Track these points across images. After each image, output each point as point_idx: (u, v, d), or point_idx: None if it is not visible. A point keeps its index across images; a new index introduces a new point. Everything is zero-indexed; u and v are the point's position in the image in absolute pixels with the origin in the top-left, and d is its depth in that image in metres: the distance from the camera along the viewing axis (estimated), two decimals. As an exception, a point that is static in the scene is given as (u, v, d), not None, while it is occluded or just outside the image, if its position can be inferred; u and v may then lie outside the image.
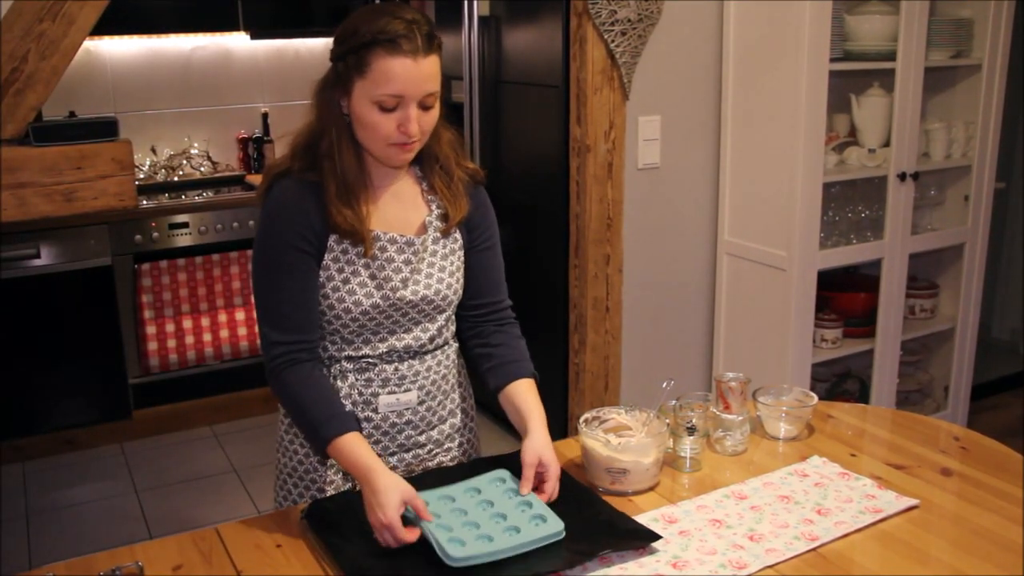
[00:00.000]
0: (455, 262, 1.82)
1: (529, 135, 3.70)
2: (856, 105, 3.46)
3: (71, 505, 3.75)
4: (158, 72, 4.61)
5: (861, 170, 3.43)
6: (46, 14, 1.99)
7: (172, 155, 4.65)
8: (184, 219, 4.19)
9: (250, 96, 4.83)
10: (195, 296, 4.21)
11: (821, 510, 1.68)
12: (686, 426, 1.84)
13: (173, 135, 4.70)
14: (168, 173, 4.58)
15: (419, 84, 1.62)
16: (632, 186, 3.40)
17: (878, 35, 3.32)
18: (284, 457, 1.88)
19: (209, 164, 4.69)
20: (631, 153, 3.37)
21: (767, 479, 1.80)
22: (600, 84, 3.25)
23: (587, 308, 3.43)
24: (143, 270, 4.10)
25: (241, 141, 4.81)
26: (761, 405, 1.99)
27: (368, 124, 1.65)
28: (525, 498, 1.63)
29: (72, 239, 3.96)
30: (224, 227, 4.26)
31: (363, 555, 1.51)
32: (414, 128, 1.64)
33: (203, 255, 4.21)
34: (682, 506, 1.70)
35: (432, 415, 1.86)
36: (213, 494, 3.81)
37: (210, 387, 4.40)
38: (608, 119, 3.29)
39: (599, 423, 1.82)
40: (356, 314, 1.73)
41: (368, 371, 1.79)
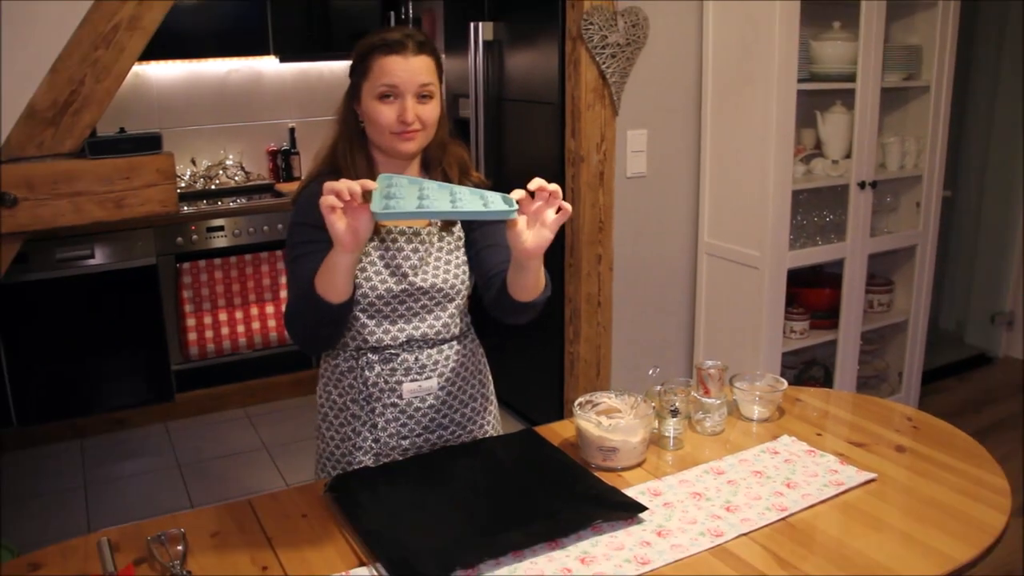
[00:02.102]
0: (460, 257, 1.82)
1: (529, 147, 3.70)
2: (821, 121, 3.45)
3: (122, 477, 3.75)
4: (197, 92, 4.61)
5: (826, 179, 3.43)
6: (101, 42, 2.00)
7: (210, 166, 4.64)
8: (220, 223, 4.19)
9: (279, 113, 4.83)
10: (230, 292, 4.21)
11: (790, 483, 1.68)
12: (670, 409, 1.84)
13: (211, 148, 4.70)
14: (206, 182, 4.58)
15: (411, 76, 1.67)
16: (621, 193, 3.40)
17: (840, 59, 3.32)
18: (322, 443, 1.89)
19: (242, 174, 4.69)
20: (620, 163, 3.37)
21: (742, 456, 1.80)
22: (592, 101, 3.24)
23: (581, 303, 3.43)
24: (184, 269, 4.10)
25: (271, 153, 4.80)
26: (737, 390, 1.99)
27: (372, 116, 1.69)
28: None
29: (122, 241, 3.96)
30: (256, 230, 4.26)
31: (379, 523, 1.51)
32: (410, 115, 1.67)
33: (237, 255, 4.21)
34: (666, 480, 1.70)
35: (453, 399, 1.85)
36: (246, 469, 3.82)
37: (243, 373, 4.41)
38: (600, 133, 3.28)
39: (592, 406, 1.82)
40: (372, 298, 1.73)
41: (392, 361, 1.79)
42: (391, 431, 1.82)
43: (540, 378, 3.81)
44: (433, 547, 1.43)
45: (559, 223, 1.53)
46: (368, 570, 1.43)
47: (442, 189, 1.54)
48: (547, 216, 1.53)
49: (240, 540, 1.53)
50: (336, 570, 1.44)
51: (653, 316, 3.61)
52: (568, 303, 3.50)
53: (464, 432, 1.89)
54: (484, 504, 1.58)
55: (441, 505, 1.58)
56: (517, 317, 1.76)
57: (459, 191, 1.53)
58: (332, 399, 1.85)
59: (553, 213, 1.53)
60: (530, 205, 1.52)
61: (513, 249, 1.57)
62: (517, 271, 1.65)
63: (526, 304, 1.70)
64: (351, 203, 1.42)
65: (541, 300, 1.72)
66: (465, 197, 1.50)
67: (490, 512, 1.55)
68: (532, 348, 3.81)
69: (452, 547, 1.44)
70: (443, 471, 1.69)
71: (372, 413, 1.81)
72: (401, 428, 1.82)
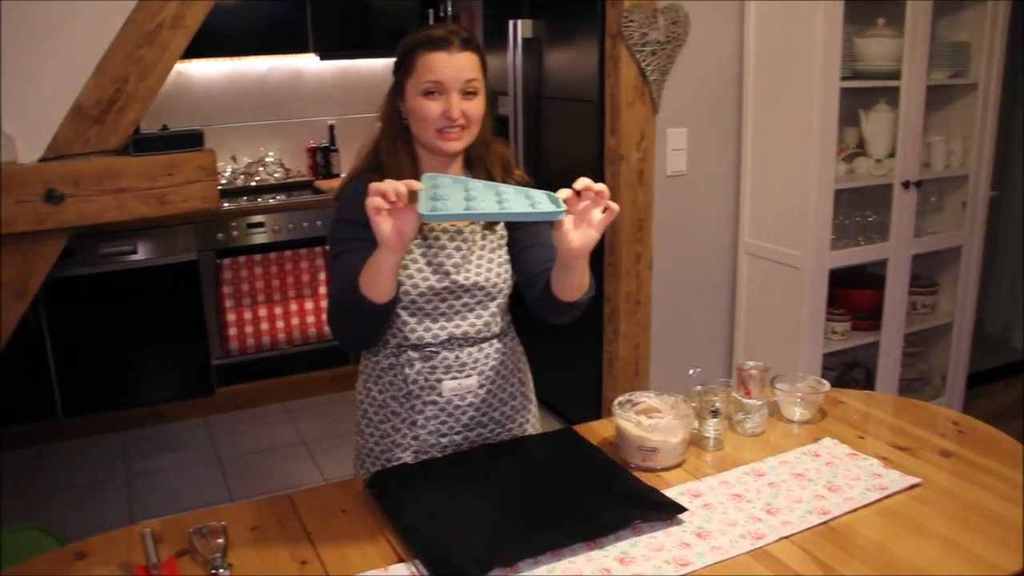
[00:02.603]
0: (503, 255, 1.82)
1: (568, 145, 3.69)
2: (864, 119, 3.41)
3: (163, 470, 3.80)
4: (238, 90, 4.65)
5: (869, 178, 3.39)
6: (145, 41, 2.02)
7: (250, 163, 4.69)
8: (260, 219, 4.23)
9: (318, 110, 4.86)
10: (269, 287, 4.25)
11: (832, 487, 1.67)
12: (710, 409, 1.83)
13: (251, 145, 4.74)
14: (246, 179, 4.62)
15: (456, 72, 1.66)
16: (661, 191, 3.39)
17: (884, 56, 3.27)
18: (361, 439, 1.90)
19: (282, 171, 4.73)
20: (660, 161, 3.35)
21: (783, 458, 1.79)
22: (632, 99, 3.23)
23: (620, 301, 3.42)
24: (224, 264, 4.14)
25: (310, 150, 4.84)
26: (778, 391, 1.97)
27: (418, 113, 1.69)
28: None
29: (164, 237, 4.01)
30: (295, 227, 4.29)
31: (418, 520, 1.52)
32: (456, 112, 1.66)
33: (277, 251, 4.25)
34: (706, 481, 1.69)
35: (492, 398, 1.85)
36: (284, 463, 3.85)
37: (282, 368, 4.45)
38: (639, 131, 3.27)
39: (631, 406, 1.81)
40: (414, 296, 1.74)
41: (432, 359, 1.79)
42: (430, 429, 1.82)
43: (578, 377, 3.80)
44: (472, 545, 1.43)
45: (606, 223, 1.52)
46: (407, 567, 1.44)
47: (487, 188, 1.53)
48: (593, 216, 1.52)
49: (279, 535, 1.55)
50: (375, 566, 1.45)
51: (692, 315, 3.59)
52: (607, 302, 3.49)
53: (503, 430, 1.89)
54: (523, 503, 1.58)
55: (480, 503, 1.57)
56: (561, 317, 1.75)
57: (505, 190, 1.53)
58: (372, 396, 1.86)
59: (600, 213, 1.51)
60: (576, 204, 1.51)
61: (559, 249, 1.57)
62: (562, 271, 1.64)
63: (570, 304, 1.69)
64: (396, 204, 1.42)
65: (585, 300, 1.71)
66: (511, 197, 1.49)
67: (529, 511, 1.55)
68: (570, 347, 3.80)
69: (491, 545, 1.44)
70: (482, 469, 1.69)
71: (412, 411, 1.82)
72: (440, 426, 1.82)
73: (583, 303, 1.71)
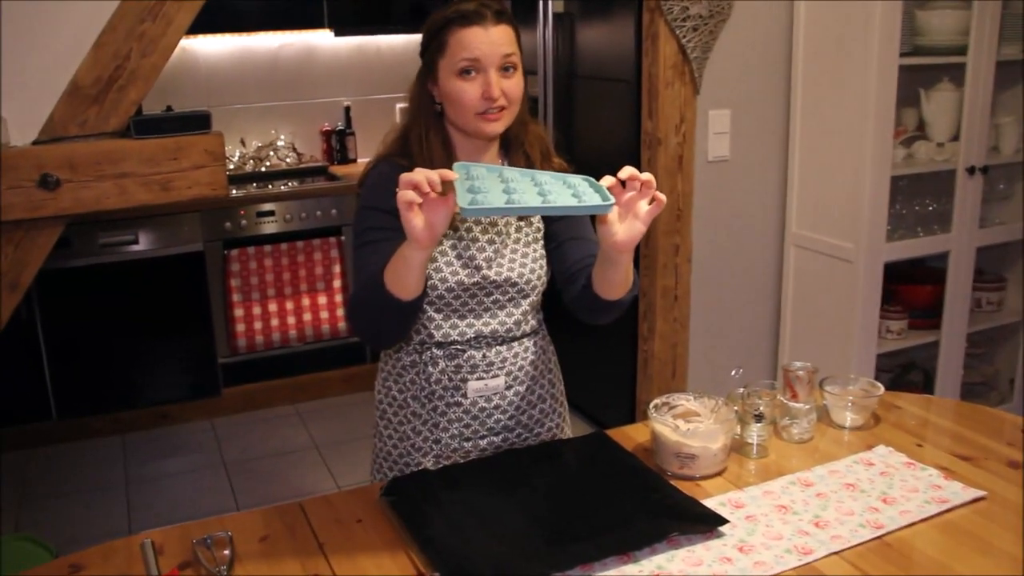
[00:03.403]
0: (538, 249, 1.82)
1: (602, 128, 3.68)
2: (925, 99, 3.38)
3: (165, 476, 3.83)
4: (247, 68, 4.68)
5: (929, 164, 3.36)
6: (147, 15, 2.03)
7: (260, 147, 4.71)
8: (271, 207, 4.25)
9: (333, 90, 4.87)
10: (280, 281, 4.27)
11: (887, 499, 1.65)
12: (753, 413, 1.82)
13: (261, 128, 4.77)
14: (256, 164, 4.65)
15: (493, 48, 1.65)
16: (702, 178, 3.37)
17: (949, 29, 3.24)
18: (379, 442, 1.91)
19: (294, 155, 4.75)
20: (701, 146, 3.34)
21: (833, 467, 1.77)
22: (671, 79, 3.22)
23: (656, 297, 3.41)
24: (232, 256, 4.17)
25: (325, 133, 4.85)
26: (828, 394, 1.96)
27: (455, 96, 1.68)
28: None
29: (167, 226, 4.04)
30: (308, 215, 4.31)
31: (439, 531, 1.52)
32: (496, 91, 1.66)
33: (288, 242, 4.27)
34: (749, 491, 1.69)
35: (521, 400, 1.86)
36: (295, 469, 3.87)
37: (293, 367, 4.47)
38: (679, 113, 3.26)
39: (668, 409, 1.81)
40: (442, 291, 1.74)
41: (457, 357, 1.80)
42: (453, 432, 1.83)
43: (611, 378, 3.80)
44: (496, 558, 1.44)
45: (653, 215, 1.52)
46: (425, 581, 1.44)
47: (525, 177, 1.53)
48: (640, 207, 1.52)
49: (290, 545, 1.55)
50: (391, 580, 1.45)
51: (735, 312, 3.58)
52: (642, 297, 3.48)
53: (531, 435, 1.89)
54: (551, 512, 1.58)
55: (505, 512, 1.58)
56: (601, 316, 1.75)
57: (544, 179, 1.52)
58: (392, 395, 1.87)
59: (646, 204, 1.51)
60: (621, 195, 1.51)
61: (602, 242, 1.56)
62: (605, 266, 1.63)
63: (613, 302, 1.69)
64: (429, 196, 1.40)
65: (628, 298, 1.71)
66: (553, 187, 1.48)
67: (557, 521, 1.55)
68: (603, 346, 3.79)
69: (516, 558, 1.44)
70: (508, 476, 1.69)
71: (434, 412, 1.82)
72: (464, 429, 1.83)
73: (626, 302, 1.71)
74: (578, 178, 1.53)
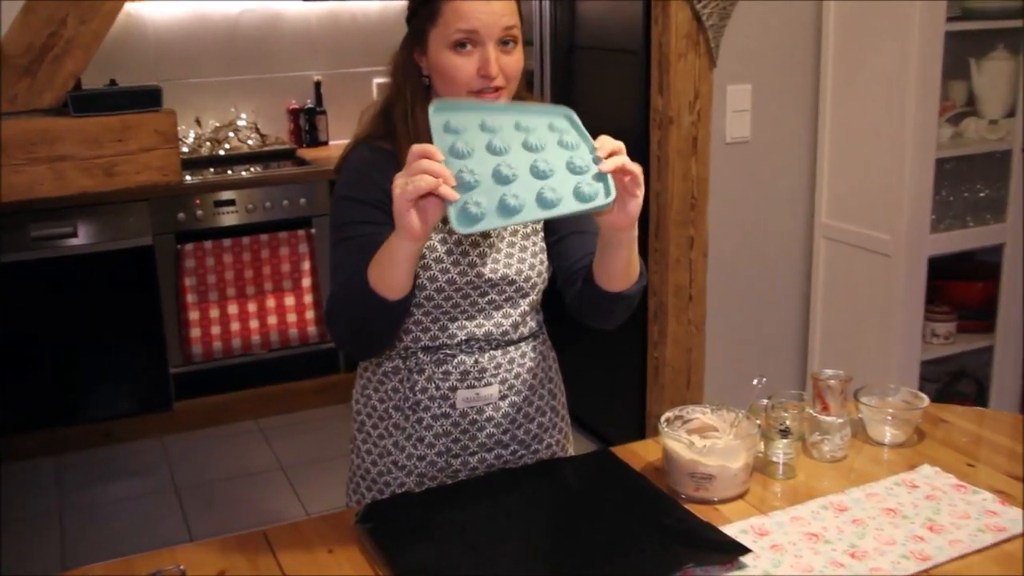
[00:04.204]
0: (538, 243, 1.82)
1: (605, 105, 3.68)
2: (976, 70, 3.38)
3: (106, 503, 3.82)
4: (203, 37, 4.67)
5: (980, 144, 3.37)
6: (86, -27, 2.03)
7: (218, 127, 4.71)
8: (230, 196, 4.25)
9: (302, 63, 4.87)
10: (242, 279, 4.27)
11: (933, 526, 1.65)
12: (779, 428, 1.82)
13: (219, 105, 4.76)
14: (213, 146, 4.65)
15: (493, 18, 1.64)
16: (719, 162, 3.38)
17: (1002, -10, 3.25)
18: (357, 458, 1.91)
19: (257, 137, 4.75)
20: (718, 126, 3.35)
21: (870, 489, 1.77)
22: (684, 49, 3.22)
23: (668, 296, 3.42)
24: (186, 250, 4.16)
25: (292, 112, 4.85)
26: (864, 406, 1.96)
27: (447, 72, 1.67)
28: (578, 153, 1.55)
29: (111, 217, 4.04)
30: (274, 205, 4.31)
31: (423, 562, 1.51)
32: (494, 68, 1.65)
33: (251, 235, 4.27)
34: (774, 517, 1.69)
35: (517, 412, 1.86)
36: (258, 492, 3.87)
37: (257, 378, 4.47)
38: (693, 88, 3.26)
39: (682, 423, 1.81)
40: (431, 290, 1.74)
41: (446, 363, 1.79)
42: (440, 448, 1.82)
43: (617, 388, 3.80)
44: (485, 593, 1.44)
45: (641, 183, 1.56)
46: (405, 620, 1.44)
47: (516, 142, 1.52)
48: (634, 188, 1.54)
49: (251, 579, 1.55)
50: (366, 619, 1.45)
51: (758, 313, 3.58)
52: (652, 296, 3.48)
53: (528, 452, 1.89)
54: (550, 540, 1.58)
55: (497, 540, 1.57)
56: (606, 316, 1.76)
57: (538, 141, 1.54)
58: (372, 405, 1.87)
59: None
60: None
61: (601, 222, 1.58)
62: (605, 251, 1.64)
63: (617, 296, 1.69)
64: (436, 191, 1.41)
65: (635, 291, 1.71)
66: (551, 161, 1.51)
67: (557, 550, 1.55)
68: (608, 351, 3.79)
69: (508, 594, 1.44)
70: (501, 498, 1.69)
71: (419, 424, 1.82)
72: (452, 444, 1.83)
73: (632, 295, 1.71)
74: (573, 133, 1.58)
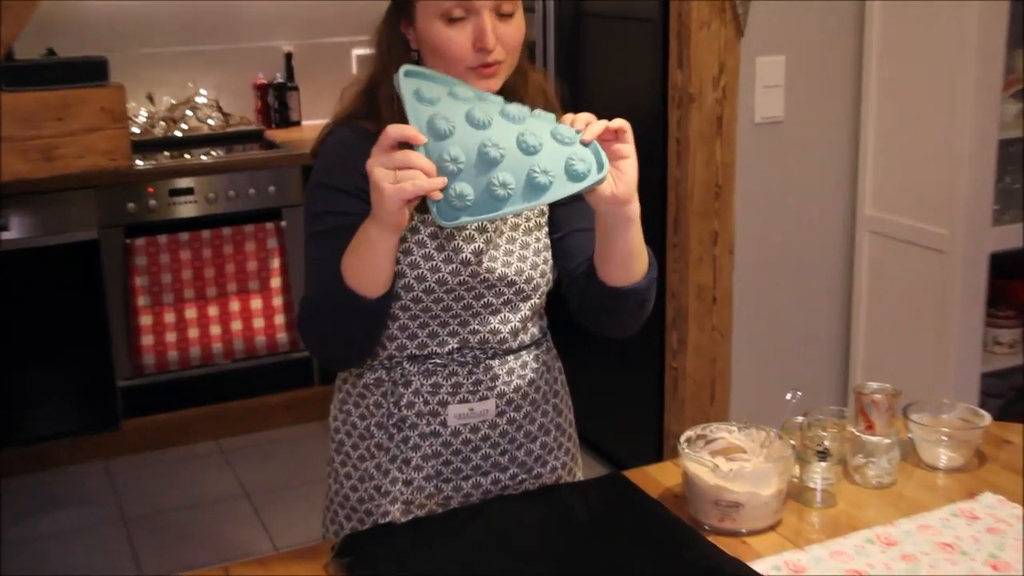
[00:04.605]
0: (541, 238, 1.82)
1: (617, 81, 3.69)
2: (1043, 40, 3.39)
3: (45, 536, 3.82)
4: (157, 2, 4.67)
5: (1049, 124, 3.37)
6: (20, -75, 2.03)
7: (174, 105, 4.71)
8: (188, 183, 4.25)
9: (270, 33, 4.88)
10: (201, 279, 4.26)
11: (997, 564, 1.65)
12: (816, 449, 1.82)
13: (175, 80, 4.76)
14: (169, 126, 4.65)
15: None
16: (748, 145, 3.38)
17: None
18: (335, 483, 1.91)
19: (220, 116, 4.75)
20: (746, 103, 3.35)
21: (923, 520, 1.77)
22: (708, 17, 3.22)
23: (688, 298, 3.42)
24: (137, 246, 4.16)
25: (259, 88, 4.86)
26: (914, 425, 1.96)
27: (439, 46, 1.67)
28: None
29: (50, 207, 4.03)
30: (238, 194, 4.31)
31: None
32: (490, 39, 1.65)
33: (212, 228, 4.26)
34: (812, 551, 1.69)
35: (516, 431, 1.86)
36: (220, 524, 3.86)
37: (219, 392, 4.47)
38: (717, 61, 3.26)
39: (705, 443, 1.81)
40: (419, 292, 1.74)
41: (436, 375, 1.79)
42: (429, 471, 1.82)
43: (631, 403, 3.80)
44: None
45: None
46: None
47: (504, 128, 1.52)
48: (619, 149, 1.58)
49: (210, 623, 1.55)
50: (343, 668, 1.45)
51: (792, 318, 3.59)
52: (671, 299, 3.49)
53: (529, 476, 1.90)
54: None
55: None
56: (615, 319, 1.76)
57: (525, 123, 1.54)
58: (351, 422, 1.87)
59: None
60: None
61: (595, 200, 1.59)
62: (605, 237, 1.64)
63: (623, 292, 1.68)
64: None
65: (643, 286, 1.70)
66: (538, 133, 1.51)
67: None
68: (621, 362, 3.80)
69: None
70: (499, 530, 1.69)
71: (405, 444, 1.82)
72: (443, 467, 1.83)
73: (641, 290, 1.70)
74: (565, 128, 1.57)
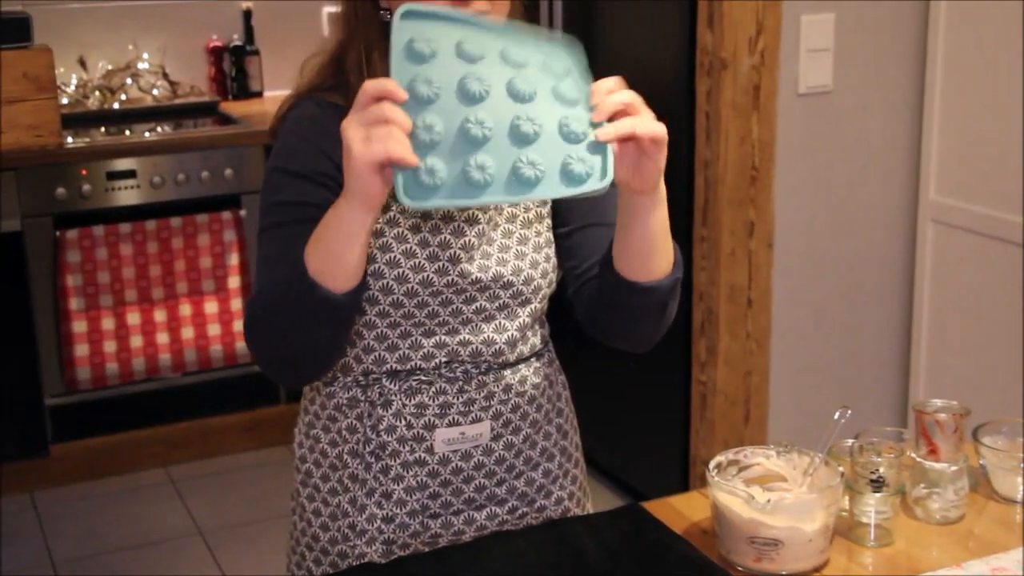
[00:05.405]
0: (542, 233, 1.83)
1: (637, 46, 3.70)
2: None
3: (-37, 580, 3.83)
4: (93, -50, 4.68)
5: None
6: None
7: (111, 71, 4.70)
8: (129, 165, 4.24)
9: (225, -14, 4.89)
10: (145, 278, 4.26)
11: (1081, 611, 1.66)
12: (870, 478, 1.83)
13: (112, 41, 4.75)
14: (105, 97, 4.64)
15: None
16: (790, 120, 3.39)
17: None
18: (301, 522, 1.91)
19: (166, 85, 4.74)
20: (789, 71, 3.36)
21: (997, 562, 1.78)
22: (743, -33, 3.24)
23: (719, 301, 3.43)
24: (68, 239, 4.16)
25: (213, 52, 4.86)
26: (986, 450, 1.96)
27: None
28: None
29: (-33, 193, 4.04)
30: (188, 178, 4.30)
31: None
32: None
33: (158, 218, 4.26)
34: (864, 596, 1.70)
35: (515, 457, 1.86)
36: (169, 566, 3.86)
37: (167, 411, 4.47)
38: (755, 20, 3.27)
39: (738, 470, 1.82)
40: (399, 295, 1.74)
41: (421, 393, 1.80)
42: (414, 505, 1.83)
43: (650, 424, 3.81)
44: None
45: None
46: None
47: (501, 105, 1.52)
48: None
49: None
50: None
51: (841, 323, 3.60)
52: (699, 301, 3.49)
53: (531, 509, 1.90)
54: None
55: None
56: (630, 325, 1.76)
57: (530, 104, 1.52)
58: (321, 449, 1.87)
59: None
60: None
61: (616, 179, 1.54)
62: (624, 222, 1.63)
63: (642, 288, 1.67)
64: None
65: (667, 285, 1.69)
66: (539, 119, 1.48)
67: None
68: (638, 376, 3.80)
69: None
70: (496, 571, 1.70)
71: (385, 475, 1.82)
72: (430, 501, 1.83)
73: (663, 291, 1.69)
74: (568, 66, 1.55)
